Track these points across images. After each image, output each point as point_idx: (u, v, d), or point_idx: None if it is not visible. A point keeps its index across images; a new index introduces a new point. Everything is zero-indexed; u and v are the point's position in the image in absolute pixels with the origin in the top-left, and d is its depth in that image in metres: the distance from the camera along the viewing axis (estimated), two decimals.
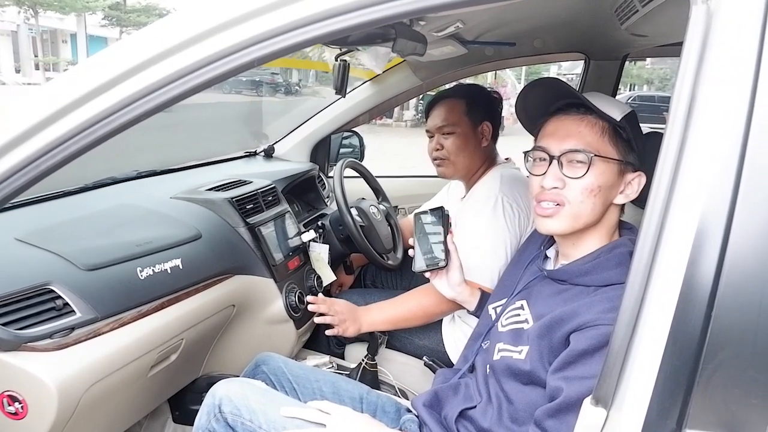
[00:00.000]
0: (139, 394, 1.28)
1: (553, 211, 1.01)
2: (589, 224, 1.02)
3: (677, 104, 0.63)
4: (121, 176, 1.74)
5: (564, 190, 1.00)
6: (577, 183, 0.99)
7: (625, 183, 1.01)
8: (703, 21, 0.62)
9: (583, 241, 1.05)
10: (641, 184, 1.00)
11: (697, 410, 0.62)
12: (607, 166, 0.99)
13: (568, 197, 1.00)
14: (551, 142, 1.02)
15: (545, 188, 1.01)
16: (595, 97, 1.02)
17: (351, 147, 2.55)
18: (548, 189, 1.01)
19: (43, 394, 0.95)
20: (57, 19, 26.43)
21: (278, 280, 1.58)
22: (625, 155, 1.00)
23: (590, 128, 1.00)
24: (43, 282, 1.01)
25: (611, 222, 1.04)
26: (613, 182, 1.00)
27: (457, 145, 1.66)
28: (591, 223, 1.02)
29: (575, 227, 1.02)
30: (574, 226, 1.01)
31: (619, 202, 1.02)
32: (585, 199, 0.99)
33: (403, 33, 1.14)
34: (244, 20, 0.74)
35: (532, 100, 1.12)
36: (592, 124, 1.00)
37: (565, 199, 1.00)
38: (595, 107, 1.00)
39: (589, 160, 0.98)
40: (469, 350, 1.24)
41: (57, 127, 0.78)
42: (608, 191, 1.00)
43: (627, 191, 1.01)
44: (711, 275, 0.61)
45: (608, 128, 1.00)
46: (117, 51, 0.78)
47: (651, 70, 30.28)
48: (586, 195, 0.99)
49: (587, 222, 1.01)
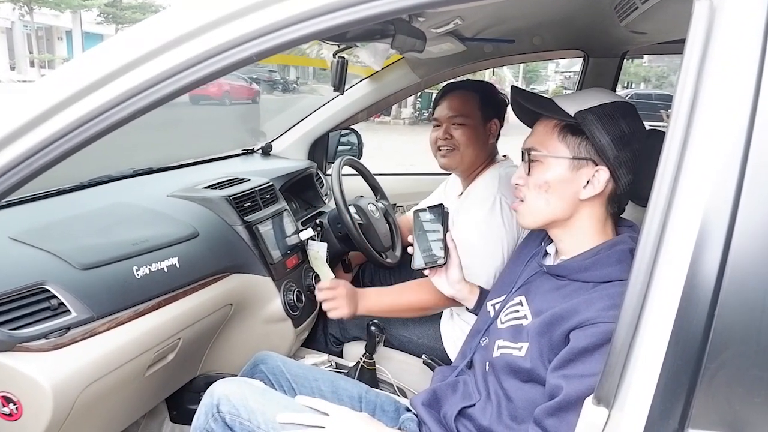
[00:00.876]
0: (136, 394, 1.27)
1: (516, 205, 1.09)
2: (557, 218, 1.04)
3: (680, 101, 0.62)
4: (117, 174, 1.73)
5: (523, 186, 1.06)
6: (530, 180, 1.05)
7: (587, 178, 1.00)
8: (706, 17, 0.61)
9: (569, 236, 1.06)
10: (605, 179, 0.99)
11: (700, 409, 0.61)
12: (556, 162, 1.01)
13: (525, 193, 1.06)
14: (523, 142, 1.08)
15: (516, 185, 1.09)
16: (568, 97, 1.04)
17: (349, 145, 2.54)
18: (515, 185, 1.09)
19: (39, 395, 0.94)
20: (52, 16, 26.34)
21: (276, 279, 1.58)
22: (577, 151, 1.00)
23: (543, 127, 1.05)
24: (38, 281, 1.00)
25: (593, 217, 1.04)
26: (565, 178, 1.01)
27: (467, 136, 1.66)
28: (558, 217, 1.04)
29: (538, 222, 1.07)
30: (536, 220, 1.06)
31: (585, 196, 1.01)
32: (536, 194, 1.04)
33: (402, 29, 1.13)
34: (242, 15, 0.73)
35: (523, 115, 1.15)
36: (546, 123, 1.05)
37: (523, 195, 1.07)
38: (544, 107, 1.03)
39: (533, 158, 1.04)
40: (468, 347, 1.23)
41: (51, 123, 0.77)
42: (561, 186, 1.01)
43: (592, 185, 1.00)
44: (714, 273, 0.60)
45: (559, 125, 1.02)
46: (112, 47, 0.77)
47: (648, 67, 30.35)
48: (536, 190, 1.04)
49: (550, 217, 1.04)
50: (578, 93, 1.06)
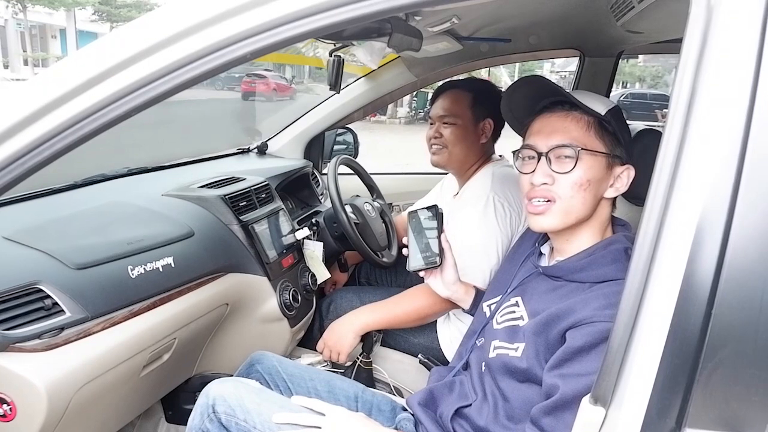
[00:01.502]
0: (132, 395, 1.27)
1: (544, 207, 1.02)
2: (582, 219, 1.02)
3: (677, 100, 0.62)
4: (111, 173, 1.72)
5: (554, 185, 1.00)
6: (566, 178, 0.99)
7: (614, 176, 1.02)
8: (704, 17, 0.61)
9: (576, 236, 1.05)
10: (630, 177, 1.01)
11: (698, 408, 0.61)
12: (594, 159, 1.00)
13: (558, 193, 1.00)
14: (538, 139, 1.03)
15: (535, 185, 1.02)
16: (578, 94, 1.04)
17: (345, 144, 2.54)
18: (538, 186, 1.02)
19: (32, 396, 0.93)
20: (46, 14, 26.23)
21: (272, 278, 1.57)
22: (612, 148, 1.01)
23: (576, 123, 1.01)
24: (32, 281, 0.99)
25: (603, 217, 1.05)
26: (601, 176, 1.00)
27: (455, 136, 1.66)
28: (583, 218, 1.02)
29: (567, 223, 1.02)
30: (566, 221, 1.02)
31: (609, 195, 1.02)
32: (575, 193, 0.99)
33: (399, 28, 1.12)
34: (237, 13, 0.72)
35: (517, 100, 1.14)
36: (578, 119, 1.02)
37: (555, 195, 1.00)
38: (579, 102, 1.01)
39: (576, 155, 0.98)
40: (464, 347, 1.23)
41: (44, 122, 0.76)
42: (598, 185, 1.01)
43: (617, 185, 1.02)
44: (711, 272, 0.60)
45: (594, 122, 1.01)
46: (106, 45, 0.77)
47: (643, 67, 30.43)
48: (576, 189, 0.99)
49: (579, 217, 1.01)
50: (586, 93, 1.06)
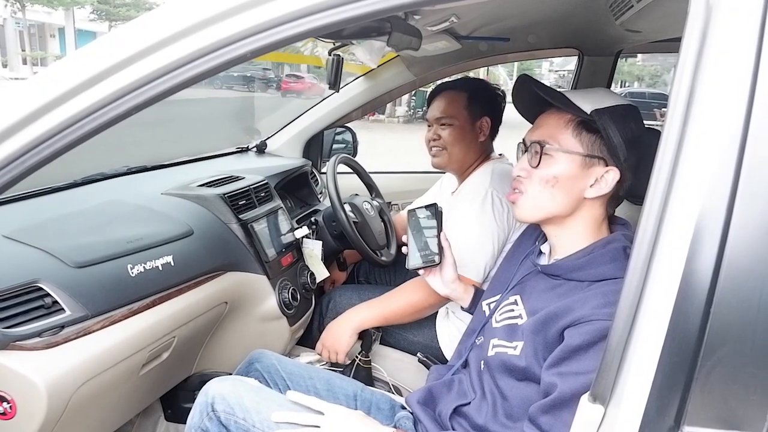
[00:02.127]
0: (131, 393, 1.27)
1: (515, 197, 1.07)
2: (557, 214, 1.03)
3: (676, 99, 0.62)
4: (110, 172, 1.72)
5: (526, 179, 1.04)
6: (536, 173, 1.03)
7: (595, 177, 1.00)
8: (703, 15, 0.61)
9: (563, 233, 1.06)
10: (614, 179, 0.99)
11: (696, 407, 0.62)
12: (567, 158, 1.00)
13: (527, 186, 1.04)
14: (528, 133, 1.07)
15: (514, 175, 1.07)
16: (578, 93, 1.03)
17: (344, 143, 2.54)
18: (515, 176, 1.07)
19: (32, 394, 0.93)
20: (44, 13, 26.18)
21: (271, 277, 1.57)
22: (590, 149, 1.00)
23: (556, 120, 1.03)
24: (32, 279, 1.00)
25: (591, 217, 1.04)
26: (573, 174, 1.00)
27: (453, 137, 1.67)
28: (559, 213, 1.03)
29: (537, 216, 1.06)
30: (534, 214, 1.05)
31: (589, 196, 1.01)
32: (542, 188, 1.02)
33: (398, 27, 1.13)
34: (236, 12, 0.73)
35: (522, 101, 1.15)
36: (558, 117, 1.03)
37: (525, 187, 1.05)
38: (561, 101, 1.02)
39: (540, 151, 1.01)
40: (463, 346, 1.23)
41: (44, 121, 0.76)
42: (569, 183, 1.01)
43: (598, 185, 1.00)
44: (710, 271, 0.60)
45: (573, 121, 1.01)
46: (105, 44, 0.77)
47: (642, 66, 30.44)
48: (542, 185, 1.02)
49: (551, 212, 1.03)
50: (587, 90, 1.06)
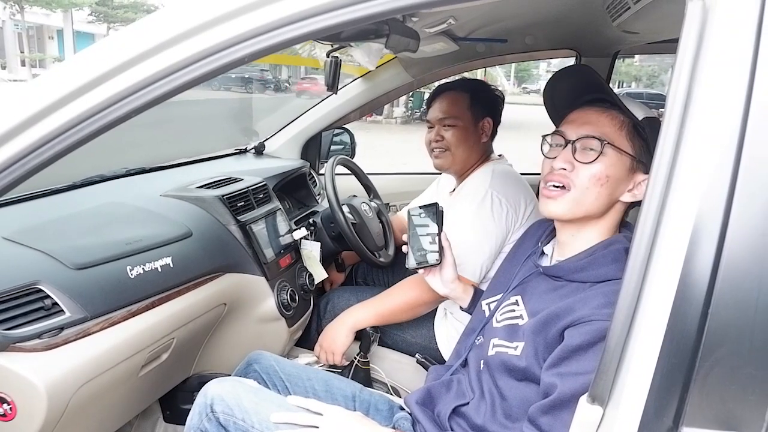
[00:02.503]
0: (130, 395, 1.27)
1: (557, 193, 1.02)
2: (591, 215, 1.02)
3: (673, 101, 0.62)
4: (110, 174, 1.72)
5: (572, 173, 1.00)
6: (586, 168, 0.99)
7: (635, 182, 1.01)
8: (699, 17, 0.62)
9: (582, 232, 1.05)
10: None
11: (694, 407, 0.62)
12: (618, 158, 0.99)
13: (574, 181, 1.00)
14: (570, 128, 1.03)
15: (555, 169, 1.02)
16: (623, 97, 1.04)
17: (342, 144, 2.54)
18: (557, 170, 1.01)
19: (32, 396, 0.94)
20: (43, 15, 26.14)
21: (270, 278, 1.57)
22: (640, 154, 1.00)
23: (610, 120, 1.01)
24: (32, 281, 1.00)
25: (614, 219, 1.05)
26: (622, 176, 1.00)
27: (457, 137, 1.67)
28: (593, 213, 1.02)
29: (576, 214, 1.02)
30: (574, 212, 1.01)
31: (625, 200, 1.02)
32: (591, 186, 0.99)
33: (396, 29, 1.13)
34: (236, 16, 0.73)
35: (561, 90, 1.13)
36: (613, 116, 1.01)
37: (571, 182, 1.00)
38: (620, 102, 1.01)
39: (601, 148, 0.98)
40: (462, 346, 1.24)
41: (45, 124, 0.76)
42: (616, 184, 1.00)
43: (635, 191, 1.01)
44: (708, 272, 0.61)
45: (628, 124, 1.01)
46: (106, 47, 0.77)
47: (639, 67, 30.49)
48: (593, 182, 0.99)
49: (589, 211, 1.01)
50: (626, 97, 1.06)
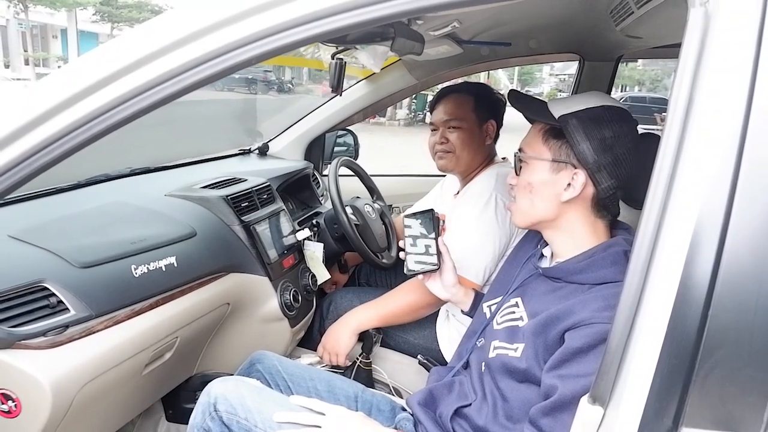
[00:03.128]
0: (133, 393, 1.27)
1: (510, 205, 1.13)
2: (544, 220, 1.07)
3: (675, 106, 0.63)
4: (114, 173, 1.73)
5: (514, 187, 1.11)
6: (518, 180, 1.09)
7: (567, 181, 1.02)
8: (701, 23, 0.62)
9: (558, 237, 1.09)
10: (582, 183, 1.01)
11: (694, 408, 0.62)
12: (537, 164, 1.05)
13: (515, 194, 1.11)
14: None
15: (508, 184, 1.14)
16: (560, 100, 1.06)
17: (345, 145, 2.55)
18: (509, 185, 1.13)
19: (37, 393, 0.94)
20: (47, 14, 26.20)
21: (273, 279, 1.58)
22: (557, 154, 1.02)
23: (533, 129, 1.09)
24: (37, 279, 1.00)
25: (578, 219, 1.05)
26: (545, 179, 1.04)
27: (462, 140, 1.67)
28: (544, 218, 1.07)
29: (528, 222, 1.10)
30: (524, 221, 1.10)
31: (564, 199, 1.03)
32: (524, 195, 1.07)
33: (401, 32, 1.14)
34: (242, 18, 0.73)
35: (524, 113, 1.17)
36: (535, 125, 1.09)
37: (513, 195, 1.12)
38: (531, 111, 1.08)
39: (518, 161, 1.09)
40: (464, 348, 1.24)
41: (52, 124, 0.77)
42: (543, 189, 1.04)
43: (571, 189, 1.02)
44: (708, 274, 0.61)
45: (544, 128, 1.05)
46: (113, 48, 0.78)
47: (642, 71, 30.46)
48: (524, 192, 1.07)
49: (537, 218, 1.08)
50: (573, 96, 1.08)
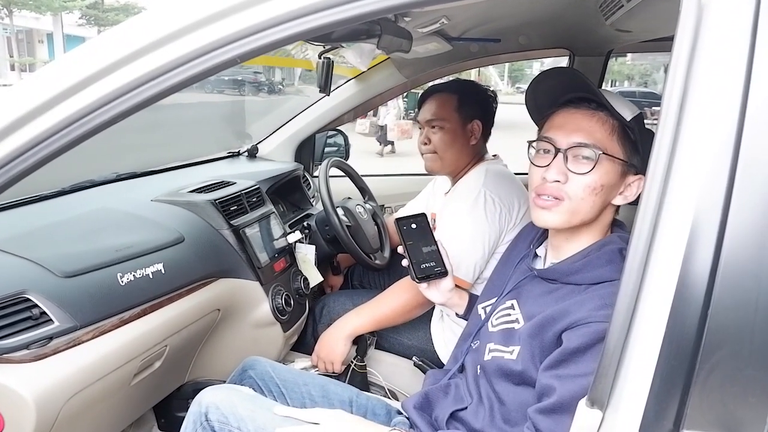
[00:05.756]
0: (122, 404, 1.25)
1: (551, 204, 0.99)
2: (586, 221, 1.01)
3: (669, 99, 0.62)
4: (99, 179, 1.70)
5: (566, 185, 0.97)
6: (581, 179, 0.97)
7: (626, 185, 1.00)
8: (694, 15, 0.61)
9: (576, 237, 1.04)
10: (640, 188, 0.98)
11: (695, 410, 0.61)
12: (612, 165, 0.97)
13: (569, 193, 0.98)
14: (559, 134, 0.99)
15: (547, 180, 0.99)
16: (607, 95, 0.99)
17: (336, 146, 2.54)
18: (550, 182, 0.98)
19: (21, 408, 0.92)
20: (33, 19, 25.98)
21: (264, 283, 1.56)
22: (630, 157, 0.99)
23: (601, 125, 0.98)
24: (19, 290, 0.98)
25: (606, 221, 1.04)
26: (615, 182, 0.98)
27: (444, 141, 1.65)
28: (587, 220, 1.00)
29: (571, 223, 1.00)
30: (570, 221, 0.99)
31: (617, 203, 1.01)
32: (586, 196, 0.97)
33: (388, 29, 1.12)
34: (224, 16, 0.72)
35: (544, 89, 1.09)
36: (603, 121, 0.98)
37: (565, 194, 0.98)
38: (608, 104, 0.97)
39: (596, 158, 0.95)
40: (459, 350, 1.23)
41: (30, 128, 0.75)
42: (609, 191, 0.99)
43: (626, 193, 1.00)
44: (706, 273, 0.60)
45: (618, 127, 0.98)
46: (93, 49, 0.75)
47: (632, 66, 30.64)
48: (588, 192, 0.97)
49: (584, 219, 1.00)
50: (613, 94, 1.02)
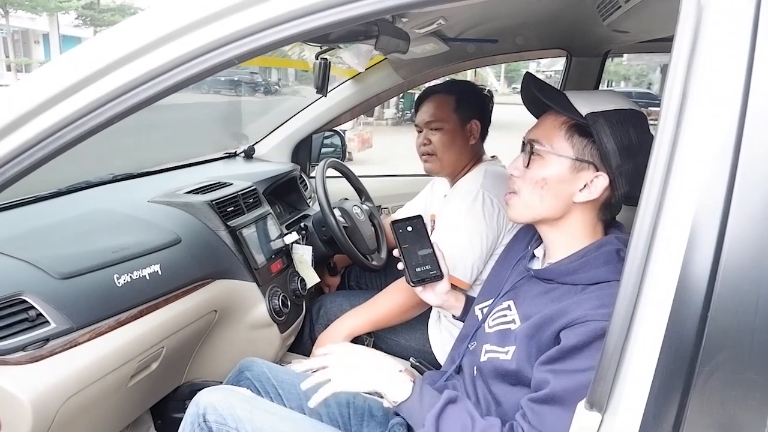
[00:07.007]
0: (119, 405, 1.25)
1: (508, 197, 1.06)
2: (548, 217, 1.03)
3: (669, 100, 0.61)
4: (96, 180, 1.70)
5: (519, 178, 1.04)
6: (527, 173, 1.02)
7: (585, 182, 0.99)
8: (694, 15, 0.61)
9: (556, 235, 1.05)
10: (602, 186, 0.97)
11: (695, 413, 0.61)
12: (556, 160, 0.99)
13: (519, 186, 1.04)
14: (527, 132, 1.05)
15: (509, 175, 1.06)
16: (581, 94, 1.01)
17: (333, 146, 2.54)
18: (510, 176, 1.06)
19: (17, 410, 0.91)
20: (29, 19, 25.90)
21: (261, 284, 1.55)
22: (581, 153, 0.98)
23: (552, 121, 1.01)
24: (15, 292, 0.97)
25: (583, 221, 1.03)
26: (563, 178, 0.99)
27: (443, 142, 1.65)
28: (549, 216, 1.02)
29: (532, 217, 1.05)
30: (526, 216, 1.05)
31: (580, 200, 0.99)
32: (532, 189, 1.01)
33: (385, 30, 1.12)
34: (221, 17, 0.71)
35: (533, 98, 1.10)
36: (555, 118, 1.01)
37: (517, 187, 1.04)
38: (557, 102, 0.99)
39: (531, 151, 1.01)
40: (456, 351, 1.22)
41: (26, 130, 0.75)
42: (558, 186, 0.99)
43: (589, 190, 0.99)
44: (706, 275, 0.59)
45: (567, 123, 0.99)
46: (89, 49, 0.75)
47: (628, 66, 30.70)
48: (532, 186, 1.01)
49: (543, 215, 1.03)
50: (592, 92, 1.04)
